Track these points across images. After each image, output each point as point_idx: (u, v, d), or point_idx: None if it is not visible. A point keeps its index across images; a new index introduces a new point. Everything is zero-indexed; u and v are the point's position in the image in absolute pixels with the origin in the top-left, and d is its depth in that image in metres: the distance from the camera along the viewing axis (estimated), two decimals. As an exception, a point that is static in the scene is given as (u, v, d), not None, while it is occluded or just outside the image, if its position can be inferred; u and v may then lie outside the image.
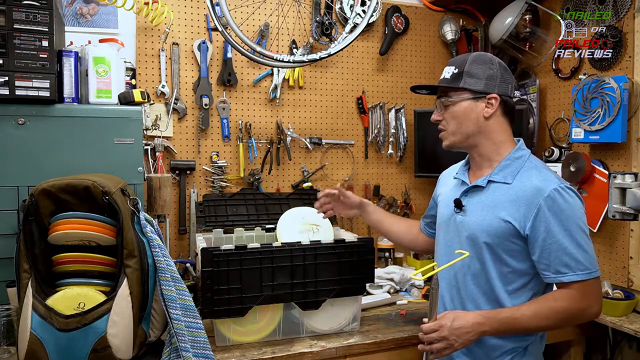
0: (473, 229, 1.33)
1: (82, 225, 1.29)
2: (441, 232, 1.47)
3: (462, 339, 1.23)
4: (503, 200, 1.30)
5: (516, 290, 1.31)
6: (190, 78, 2.14)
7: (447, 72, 1.40)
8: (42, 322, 1.21)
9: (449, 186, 1.51)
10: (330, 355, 1.54)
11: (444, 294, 1.42)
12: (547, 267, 1.25)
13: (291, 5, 2.23)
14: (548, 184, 1.26)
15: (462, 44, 2.56)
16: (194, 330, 1.34)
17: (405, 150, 2.50)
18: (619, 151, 1.96)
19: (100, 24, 2.01)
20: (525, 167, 1.34)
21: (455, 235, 1.39)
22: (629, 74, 1.91)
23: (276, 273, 1.54)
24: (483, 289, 1.33)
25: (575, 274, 1.23)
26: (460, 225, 1.38)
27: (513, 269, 1.30)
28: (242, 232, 1.91)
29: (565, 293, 1.25)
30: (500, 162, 1.35)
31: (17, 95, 1.47)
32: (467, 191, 1.40)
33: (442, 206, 1.49)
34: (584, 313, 1.27)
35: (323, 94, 2.38)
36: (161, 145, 2.06)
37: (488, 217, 1.31)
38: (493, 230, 1.29)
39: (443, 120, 1.40)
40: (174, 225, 2.12)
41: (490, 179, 1.35)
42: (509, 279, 1.30)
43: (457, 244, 1.38)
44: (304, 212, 1.90)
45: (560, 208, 1.23)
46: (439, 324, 1.23)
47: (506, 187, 1.32)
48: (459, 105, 1.36)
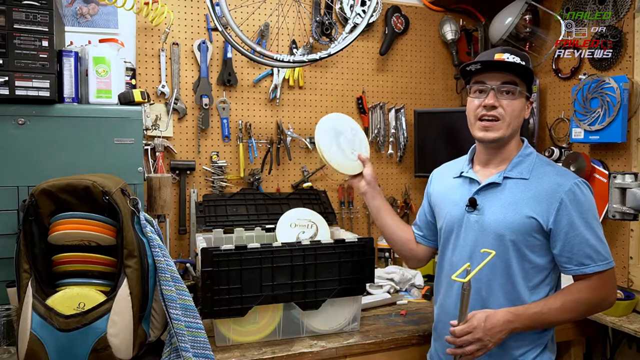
0: (495, 227, 1.31)
1: (82, 225, 1.29)
2: (453, 234, 1.42)
3: (495, 338, 1.22)
4: (523, 196, 1.29)
5: (536, 286, 1.31)
6: (190, 78, 2.14)
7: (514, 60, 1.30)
8: (42, 322, 1.21)
9: (451, 185, 1.48)
10: (330, 355, 1.54)
11: None
12: (569, 260, 1.26)
13: (291, 5, 2.22)
14: (567, 178, 1.28)
15: (462, 44, 2.56)
16: (194, 330, 1.34)
17: (405, 150, 2.50)
18: (619, 151, 1.96)
19: (100, 24, 2.01)
20: (537, 163, 1.35)
21: (477, 234, 1.35)
22: (629, 74, 1.91)
23: (276, 273, 1.54)
24: (505, 287, 1.31)
25: (597, 265, 1.25)
26: (478, 224, 1.34)
27: (534, 265, 1.30)
28: (242, 232, 1.91)
29: (587, 284, 1.27)
30: (512, 159, 1.35)
31: (17, 95, 1.47)
32: (481, 189, 1.37)
33: (448, 206, 1.44)
34: (603, 303, 1.30)
35: (323, 94, 2.38)
36: (161, 145, 2.06)
37: (510, 214, 1.29)
38: (517, 227, 1.28)
39: (499, 108, 1.31)
40: (174, 225, 2.12)
41: (505, 176, 1.33)
42: (530, 275, 1.30)
43: (479, 243, 1.34)
44: (304, 213, 1.89)
45: (580, 201, 1.25)
46: (472, 325, 1.21)
47: (524, 183, 1.31)
48: (521, 100, 1.32)
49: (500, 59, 1.31)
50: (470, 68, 1.34)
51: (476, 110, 1.34)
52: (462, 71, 1.38)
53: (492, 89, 1.30)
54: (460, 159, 1.54)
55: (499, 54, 1.32)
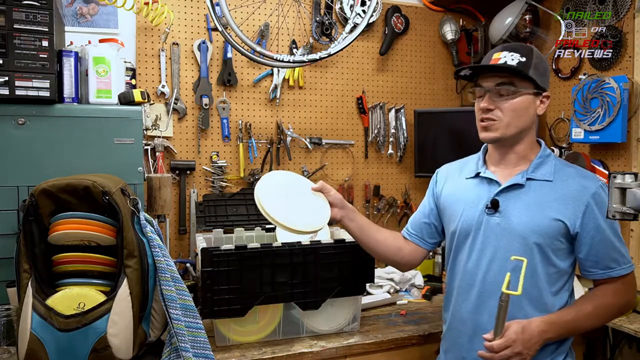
0: (521, 229, 1.25)
1: (82, 225, 1.28)
2: (469, 238, 1.34)
3: (532, 350, 1.18)
4: (549, 198, 1.25)
5: (558, 291, 1.27)
6: (190, 78, 2.14)
7: (511, 59, 1.27)
8: (42, 322, 1.21)
9: (465, 186, 1.40)
10: (330, 355, 1.54)
11: (487, 301, 1.29)
12: (596, 264, 1.24)
13: (291, 5, 2.22)
14: (592, 181, 1.26)
15: (462, 44, 2.56)
16: (194, 330, 1.34)
17: (405, 150, 2.50)
18: (619, 151, 1.96)
19: (100, 24, 2.01)
20: (558, 164, 1.31)
21: (498, 238, 1.28)
22: (629, 74, 1.91)
23: (276, 273, 1.54)
24: (530, 293, 1.25)
25: (622, 268, 1.24)
26: (500, 227, 1.28)
27: (558, 269, 1.26)
28: (242, 232, 1.91)
29: (613, 288, 1.25)
30: (533, 160, 1.31)
31: (17, 95, 1.47)
32: (502, 191, 1.30)
33: (464, 208, 1.36)
34: (627, 306, 1.28)
35: (323, 94, 2.38)
36: (161, 145, 2.06)
37: (536, 216, 1.24)
38: (544, 230, 1.24)
39: (496, 110, 1.28)
40: (174, 225, 2.12)
41: (529, 177, 1.28)
42: (553, 280, 1.27)
43: (501, 248, 1.27)
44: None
45: (604, 204, 1.22)
46: (511, 339, 1.14)
47: (549, 184, 1.27)
48: (523, 97, 1.27)
49: (497, 59, 1.28)
50: (463, 73, 1.34)
51: (477, 113, 1.33)
52: (456, 76, 1.39)
53: (487, 92, 1.29)
54: (468, 159, 1.48)
55: (496, 54, 1.30)
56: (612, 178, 1.07)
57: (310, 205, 1.40)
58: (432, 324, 1.74)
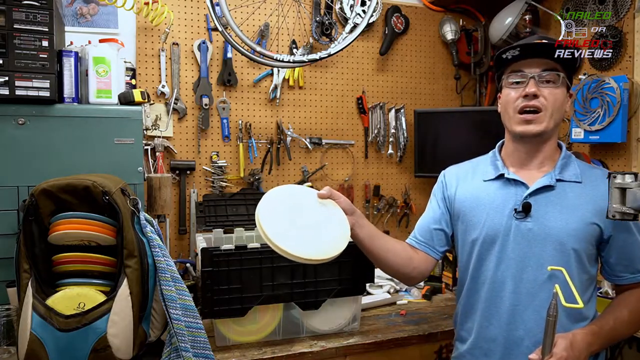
0: (557, 234, 1.17)
1: (82, 225, 1.29)
2: (496, 245, 1.23)
3: None
4: (581, 201, 1.19)
5: (589, 298, 1.22)
6: (190, 78, 2.14)
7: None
8: (42, 322, 1.21)
9: (485, 189, 1.29)
10: (330, 355, 1.54)
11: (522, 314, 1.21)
12: (626, 268, 1.20)
13: (291, 5, 2.22)
14: None
15: (462, 44, 2.56)
16: (194, 330, 1.34)
17: (405, 150, 2.50)
18: (619, 151, 1.96)
19: (100, 24, 2.01)
20: (581, 165, 1.25)
21: (529, 244, 1.19)
22: (629, 74, 1.91)
23: (276, 273, 1.54)
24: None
25: None
26: (532, 232, 1.19)
27: (590, 276, 1.21)
28: (242, 232, 1.91)
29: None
30: (558, 161, 1.24)
31: (17, 95, 1.47)
32: (531, 193, 1.21)
33: (488, 213, 1.25)
34: None
35: (323, 94, 2.38)
36: (161, 145, 2.06)
37: (572, 220, 1.17)
38: (581, 235, 1.17)
39: (541, 98, 1.17)
40: (174, 225, 2.12)
41: (558, 178, 1.21)
42: (585, 287, 1.20)
43: (532, 254, 1.19)
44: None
45: None
46: (562, 357, 1.04)
47: (579, 187, 1.20)
48: (562, 89, 1.19)
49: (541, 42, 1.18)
50: (506, 55, 1.20)
51: (515, 102, 1.20)
52: (497, 60, 1.24)
53: (531, 78, 1.18)
54: (478, 160, 1.38)
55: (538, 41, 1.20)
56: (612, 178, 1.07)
57: (323, 220, 1.19)
58: (432, 324, 1.74)
